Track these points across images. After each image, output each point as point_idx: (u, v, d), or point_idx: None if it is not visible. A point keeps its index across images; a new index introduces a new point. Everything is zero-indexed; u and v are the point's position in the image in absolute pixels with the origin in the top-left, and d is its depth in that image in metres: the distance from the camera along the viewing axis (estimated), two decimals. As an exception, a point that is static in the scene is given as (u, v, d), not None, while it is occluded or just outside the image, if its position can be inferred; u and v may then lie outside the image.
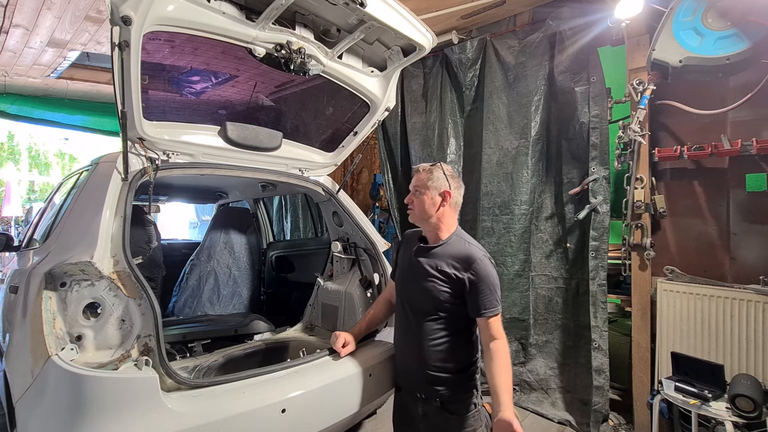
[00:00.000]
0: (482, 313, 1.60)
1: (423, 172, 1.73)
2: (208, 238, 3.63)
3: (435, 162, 1.77)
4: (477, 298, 1.60)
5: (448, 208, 1.71)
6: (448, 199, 1.70)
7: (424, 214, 1.71)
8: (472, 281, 1.61)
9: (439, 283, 1.65)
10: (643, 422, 2.68)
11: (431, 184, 1.69)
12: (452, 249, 1.68)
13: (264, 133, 2.52)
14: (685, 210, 2.67)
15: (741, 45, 2.22)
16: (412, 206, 1.74)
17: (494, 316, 1.61)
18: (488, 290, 1.60)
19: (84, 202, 1.98)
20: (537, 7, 3.26)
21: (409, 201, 1.75)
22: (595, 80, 2.88)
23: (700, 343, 2.47)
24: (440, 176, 1.70)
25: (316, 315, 3.03)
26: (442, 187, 1.70)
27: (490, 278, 1.61)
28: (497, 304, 1.61)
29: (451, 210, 1.73)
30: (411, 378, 1.81)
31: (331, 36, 2.19)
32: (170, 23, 1.74)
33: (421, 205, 1.70)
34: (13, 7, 3.13)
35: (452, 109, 3.69)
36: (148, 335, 1.64)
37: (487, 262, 1.64)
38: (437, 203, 1.69)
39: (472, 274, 1.61)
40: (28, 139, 14.05)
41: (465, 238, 1.73)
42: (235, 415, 1.64)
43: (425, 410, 1.72)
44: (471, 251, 1.65)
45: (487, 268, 1.62)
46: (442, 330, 1.67)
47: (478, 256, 1.63)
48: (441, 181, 1.70)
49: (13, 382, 1.73)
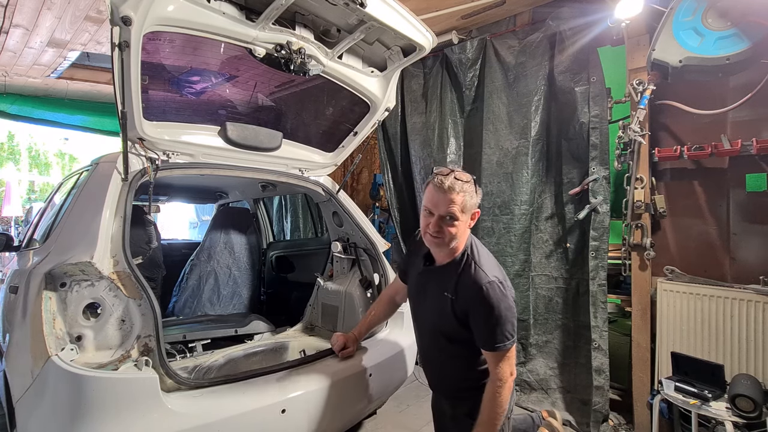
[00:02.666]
0: (487, 346, 1.47)
1: (458, 194, 1.42)
2: (208, 238, 3.63)
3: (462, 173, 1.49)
4: (483, 329, 1.46)
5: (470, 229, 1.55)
6: (476, 219, 1.53)
7: (453, 241, 1.48)
8: (476, 311, 1.46)
9: (445, 308, 1.53)
10: (643, 422, 2.68)
11: (468, 205, 1.46)
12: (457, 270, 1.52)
13: (264, 133, 2.52)
14: (685, 210, 2.67)
15: (741, 45, 2.22)
16: (442, 236, 1.46)
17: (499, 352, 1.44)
18: (494, 322, 1.42)
19: (84, 202, 1.98)
20: (537, 7, 3.26)
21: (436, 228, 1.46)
22: (595, 80, 2.88)
23: (700, 343, 2.47)
24: (473, 194, 1.47)
25: (316, 315, 3.03)
26: (474, 209, 1.49)
27: (497, 309, 1.41)
28: (502, 340, 1.42)
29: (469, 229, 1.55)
30: (435, 385, 1.82)
31: (331, 36, 2.19)
32: (170, 23, 1.74)
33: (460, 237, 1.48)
34: (13, 7, 3.13)
35: (452, 109, 3.69)
36: (148, 335, 1.64)
37: (495, 288, 1.43)
38: (468, 225, 1.50)
39: (476, 303, 1.45)
40: (28, 139, 14.06)
41: (475, 258, 1.52)
42: (235, 415, 1.64)
43: (454, 413, 1.72)
44: (476, 276, 1.46)
45: (493, 296, 1.42)
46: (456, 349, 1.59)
47: (483, 283, 1.43)
48: (475, 199, 1.48)
49: (13, 383, 1.73)
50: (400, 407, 3.10)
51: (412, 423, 2.90)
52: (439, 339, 1.63)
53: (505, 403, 1.47)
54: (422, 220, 1.55)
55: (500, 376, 1.46)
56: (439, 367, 1.72)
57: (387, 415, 2.97)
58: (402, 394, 3.20)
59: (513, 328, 1.45)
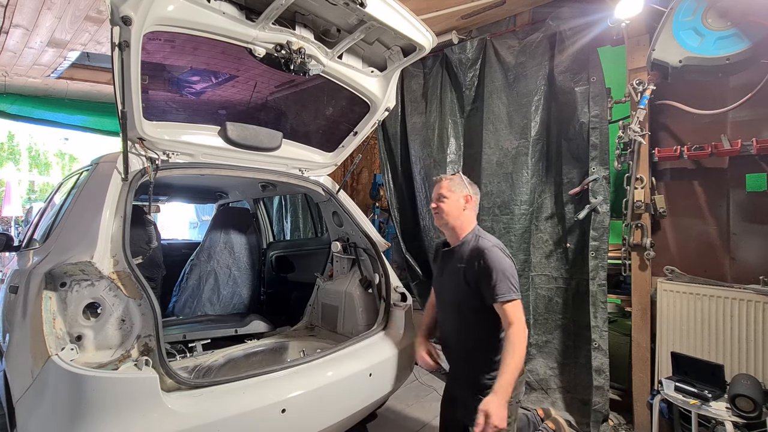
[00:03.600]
0: (495, 298, 1.65)
1: (445, 180, 1.88)
2: (208, 238, 3.63)
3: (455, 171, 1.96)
4: (488, 285, 1.67)
5: (469, 211, 1.86)
6: (471, 202, 1.86)
7: (449, 216, 1.83)
8: (482, 270, 1.69)
9: (460, 279, 1.78)
10: (643, 422, 2.68)
11: (455, 188, 1.85)
12: (467, 246, 1.81)
13: (264, 133, 2.52)
14: (685, 210, 2.67)
15: (741, 45, 2.22)
16: (438, 210, 1.86)
17: (507, 302, 1.64)
18: (497, 277, 1.65)
19: (84, 202, 1.98)
20: (537, 7, 3.26)
21: (435, 206, 1.88)
22: (595, 80, 2.88)
23: (700, 343, 2.47)
24: (460, 182, 1.87)
25: (316, 315, 3.03)
26: (464, 192, 1.86)
27: (498, 265, 1.66)
28: (509, 291, 1.65)
29: (471, 213, 1.87)
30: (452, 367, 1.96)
31: (331, 36, 2.19)
32: (170, 23, 1.74)
33: (448, 208, 1.83)
34: (13, 7, 3.13)
35: (452, 109, 3.69)
36: (148, 335, 1.64)
37: (495, 251, 1.70)
38: (461, 206, 1.84)
39: (481, 263, 1.70)
40: (28, 139, 14.06)
41: (479, 234, 1.83)
42: (235, 415, 1.64)
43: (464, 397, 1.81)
44: (480, 244, 1.76)
45: (494, 256, 1.68)
46: (471, 323, 1.78)
47: (486, 247, 1.72)
48: (462, 186, 1.86)
49: (13, 382, 1.73)
50: (400, 407, 3.10)
51: (412, 423, 2.90)
52: (459, 313, 1.84)
53: (522, 347, 1.61)
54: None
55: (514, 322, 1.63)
56: (462, 344, 1.88)
57: (387, 415, 2.97)
58: (402, 394, 3.20)
59: (516, 283, 1.68)
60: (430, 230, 3.82)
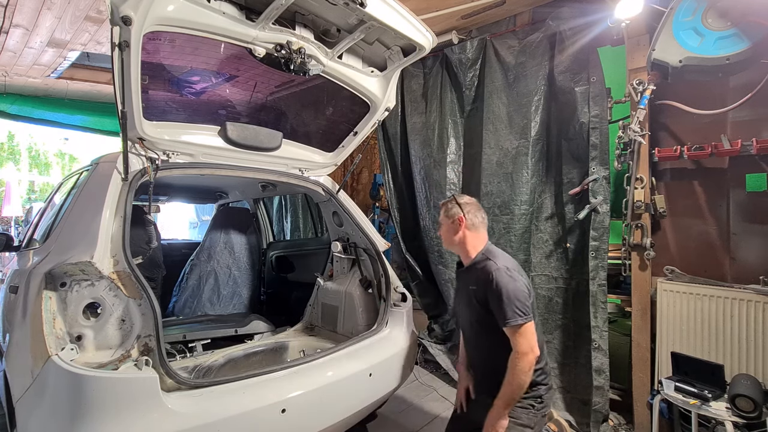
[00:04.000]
0: (503, 324, 1.70)
1: (441, 207, 2.00)
2: (208, 238, 3.63)
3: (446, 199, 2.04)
4: (495, 309, 1.72)
5: (467, 230, 1.90)
6: (464, 223, 1.89)
7: (447, 241, 1.96)
8: (490, 294, 1.73)
9: (471, 301, 1.84)
10: (643, 422, 2.68)
11: (446, 214, 1.95)
12: (477, 267, 1.85)
13: (264, 133, 2.52)
14: (685, 210, 2.67)
15: (741, 45, 2.22)
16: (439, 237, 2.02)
17: (512, 327, 1.68)
18: (502, 301, 1.68)
19: (84, 202, 1.98)
20: (537, 7, 3.25)
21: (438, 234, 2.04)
22: (595, 80, 2.88)
23: (700, 343, 2.47)
24: (453, 206, 1.94)
25: (316, 315, 3.03)
26: (456, 215, 1.91)
27: (503, 289, 1.69)
28: (513, 316, 1.67)
29: (471, 232, 1.91)
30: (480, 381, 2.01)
31: (331, 36, 2.19)
32: (170, 23, 1.74)
33: (444, 234, 1.97)
34: (13, 7, 3.13)
35: (452, 109, 3.69)
36: (148, 335, 1.64)
37: (502, 274, 1.73)
38: (454, 229, 1.91)
39: (488, 287, 1.74)
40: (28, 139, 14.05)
41: (487, 255, 1.87)
42: (235, 415, 1.64)
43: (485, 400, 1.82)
44: (487, 266, 1.79)
45: (500, 280, 1.71)
46: (487, 342, 1.83)
47: (492, 269, 1.75)
48: (454, 209, 1.93)
49: (13, 382, 1.73)
50: (400, 407, 3.10)
51: (412, 423, 2.90)
52: (475, 332, 1.92)
53: (522, 375, 1.66)
54: None
55: (517, 349, 1.68)
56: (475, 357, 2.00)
57: (387, 415, 2.97)
58: (402, 394, 3.20)
59: (523, 307, 1.68)
60: (430, 230, 3.81)
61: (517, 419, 1.75)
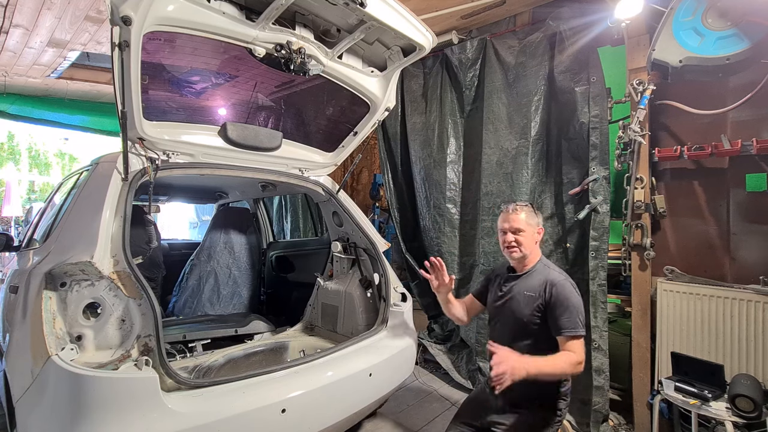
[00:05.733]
0: (561, 332, 1.69)
1: (521, 212, 1.88)
2: (208, 238, 3.63)
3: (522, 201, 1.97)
4: (556, 318, 1.71)
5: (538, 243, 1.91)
6: (541, 234, 1.92)
7: (528, 247, 1.86)
8: (552, 302, 1.72)
9: (525, 305, 1.81)
10: (643, 422, 2.67)
11: (531, 221, 1.88)
12: (537, 275, 1.84)
13: (264, 133, 2.52)
14: (685, 210, 2.66)
15: (741, 45, 2.22)
16: (516, 244, 1.86)
17: (573, 338, 1.67)
18: (567, 311, 1.69)
19: (84, 202, 1.98)
20: (537, 7, 3.26)
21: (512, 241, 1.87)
22: (595, 80, 2.87)
23: (700, 343, 2.47)
24: (533, 214, 1.90)
25: (316, 315, 3.03)
26: (539, 224, 1.91)
27: (569, 300, 1.70)
28: (576, 326, 1.68)
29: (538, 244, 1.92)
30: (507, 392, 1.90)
31: (331, 36, 2.19)
32: (170, 23, 1.74)
33: (528, 243, 1.86)
34: (13, 7, 3.13)
35: (452, 109, 3.69)
36: (148, 335, 1.64)
37: (568, 285, 1.74)
38: (536, 239, 1.89)
39: (551, 295, 1.73)
40: (28, 139, 14.03)
41: (547, 265, 1.88)
42: (235, 415, 1.64)
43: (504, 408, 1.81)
44: (551, 276, 1.79)
45: (567, 290, 1.72)
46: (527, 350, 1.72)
47: (558, 280, 1.76)
48: (535, 217, 1.90)
49: (13, 382, 1.73)
50: (400, 407, 3.10)
51: (412, 423, 2.90)
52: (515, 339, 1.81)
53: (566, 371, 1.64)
54: (501, 240, 1.94)
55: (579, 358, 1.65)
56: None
57: (387, 415, 2.97)
58: (402, 394, 3.20)
59: (583, 320, 1.71)
60: (430, 230, 3.81)
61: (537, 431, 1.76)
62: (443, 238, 3.65)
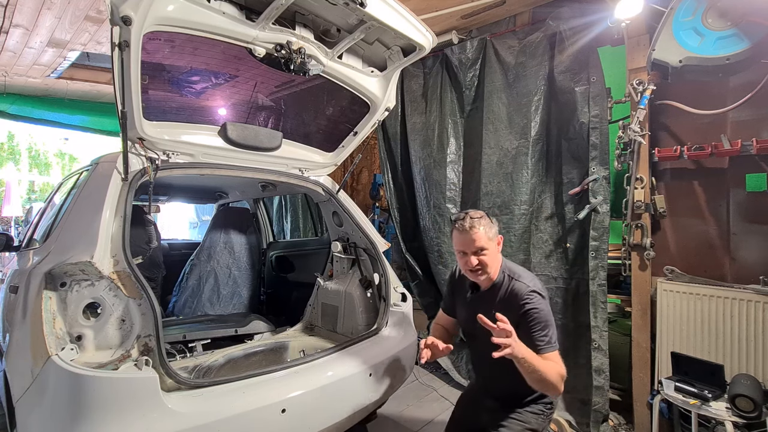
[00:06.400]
0: (540, 351, 1.59)
1: (479, 230, 1.67)
2: (208, 238, 3.63)
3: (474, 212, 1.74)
4: (533, 338, 1.59)
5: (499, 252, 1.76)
6: (501, 244, 1.75)
7: (493, 268, 1.70)
8: (525, 321, 1.61)
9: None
10: (643, 422, 2.67)
11: (491, 234, 1.70)
12: (501, 289, 1.71)
13: (264, 133, 2.52)
14: (685, 210, 2.66)
15: (741, 45, 2.22)
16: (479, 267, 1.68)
17: (555, 352, 1.61)
18: (542, 330, 1.59)
19: (84, 202, 1.98)
20: (537, 7, 3.26)
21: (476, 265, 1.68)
22: (595, 80, 2.88)
23: (700, 343, 2.47)
24: (490, 224, 1.71)
25: (316, 315, 3.03)
26: (497, 234, 1.74)
27: (539, 315, 1.60)
28: (553, 342, 1.60)
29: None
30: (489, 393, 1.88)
31: (331, 36, 2.19)
32: (170, 23, 1.74)
33: (492, 260, 1.70)
34: (13, 7, 3.13)
35: (452, 109, 3.69)
36: (148, 335, 1.64)
37: (535, 297, 1.63)
38: (497, 251, 1.73)
39: (523, 314, 1.61)
40: (28, 139, 14.02)
41: (511, 274, 1.73)
42: (235, 415, 1.64)
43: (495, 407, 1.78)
44: (516, 288, 1.67)
45: (535, 304, 1.61)
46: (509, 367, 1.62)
47: (524, 292, 1.64)
48: (493, 227, 1.72)
49: (13, 382, 1.73)
50: (400, 407, 3.10)
51: (412, 423, 2.90)
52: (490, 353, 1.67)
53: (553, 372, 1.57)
54: (459, 261, 1.77)
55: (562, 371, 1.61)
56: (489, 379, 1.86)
57: (387, 415, 2.97)
58: (402, 394, 3.20)
59: (554, 333, 1.61)
60: (430, 230, 3.81)
61: (527, 423, 1.73)
62: (443, 238, 3.65)
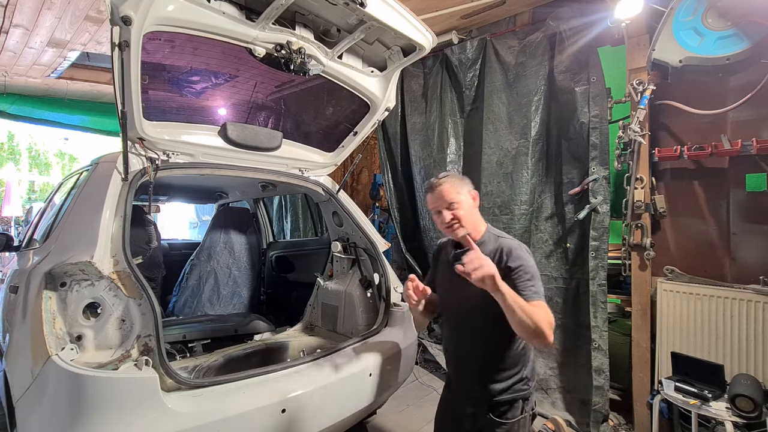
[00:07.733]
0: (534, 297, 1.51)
1: (445, 184, 1.64)
2: (208, 238, 3.63)
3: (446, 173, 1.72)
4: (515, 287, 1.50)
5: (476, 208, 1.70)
6: (477, 199, 1.69)
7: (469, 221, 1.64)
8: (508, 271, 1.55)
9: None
10: (643, 422, 2.67)
11: (461, 189, 1.64)
12: (487, 247, 1.64)
13: (264, 133, 2.52)
14: (685, 210, 2.67)
15: (741, 45, 2.22)
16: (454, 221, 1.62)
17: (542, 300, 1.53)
18: (525, 276, 1.54)
19: (84, 202, 1.98)
20: (537, 7, 3.26)
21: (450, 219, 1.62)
22: (595, 80, 2.88)
23: (700, 343, 2.47)
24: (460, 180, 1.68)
25: (316, 315, 3.03)
26: (470, 189, 1.68)
27: (527, 266, 1.56)
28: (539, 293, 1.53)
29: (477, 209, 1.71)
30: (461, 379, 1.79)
31: (331, 36, 2.19)
32: (170, 23, 1.74)
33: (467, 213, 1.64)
34: (13, 7, 3.13)
35: (452, 109, 3.69)
36: (148, 335, 1.64)
37: (523, 251, 1.61)
38: (472, 206, 1.67)
39: (509, 264, 1.57)
40: (28, 139, 14.04)
41: (496, 234, 1.70)
42: (235, 415, 1.64)
43: (474, 411, 1.68)
44: (503, 243, 1.63)
45: (522, 256, 1.59)
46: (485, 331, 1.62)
47: (512, 246, 1.61)
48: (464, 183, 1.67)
49: (13, 382, 1.73)
50: (400, 407, 3.10)
51: (412, 423, 2.90)
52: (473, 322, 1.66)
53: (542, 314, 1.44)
54: (436, 221, 1.71)
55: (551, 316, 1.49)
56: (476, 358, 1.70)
57: (387, 415, 2.97)
58: (402, 394, 3.20)
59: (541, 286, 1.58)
60: (430, 230, 3.81)
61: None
62: (443, 238, 3.64)
